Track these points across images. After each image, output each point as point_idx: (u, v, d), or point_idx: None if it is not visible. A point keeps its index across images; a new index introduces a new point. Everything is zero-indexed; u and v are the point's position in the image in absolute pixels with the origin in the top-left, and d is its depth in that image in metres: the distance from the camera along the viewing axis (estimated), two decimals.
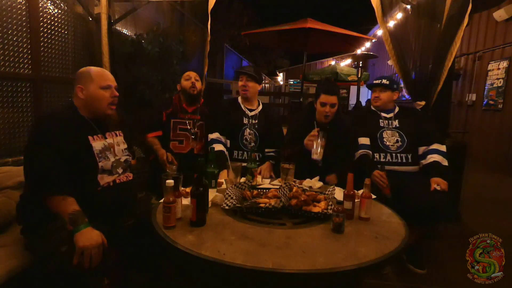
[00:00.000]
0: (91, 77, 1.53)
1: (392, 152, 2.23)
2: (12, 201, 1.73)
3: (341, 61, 13.21)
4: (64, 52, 2.76)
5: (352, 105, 10.32)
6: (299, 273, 1.00)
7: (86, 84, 1.53)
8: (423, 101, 2.64)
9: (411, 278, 2.03)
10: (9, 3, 2.24)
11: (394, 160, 2.22)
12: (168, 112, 2.41)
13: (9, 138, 2.31)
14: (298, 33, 4.91)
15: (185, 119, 2.43)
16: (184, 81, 2.43)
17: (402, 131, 2.28)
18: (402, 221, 1.44)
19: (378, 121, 2.35)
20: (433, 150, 2.19)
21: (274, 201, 1.47)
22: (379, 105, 2.40)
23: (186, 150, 2.38)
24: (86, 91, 1.53)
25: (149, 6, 3.36)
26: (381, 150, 2.26)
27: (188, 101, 2.45)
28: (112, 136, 1.64)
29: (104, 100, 1.54)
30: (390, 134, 2.29)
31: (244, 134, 2.36)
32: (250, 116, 2.41)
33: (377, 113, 2.40)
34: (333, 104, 2.14)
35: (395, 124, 2.32)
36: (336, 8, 24.85)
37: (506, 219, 3.21)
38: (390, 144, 2.25)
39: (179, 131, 2.40)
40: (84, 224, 1.30)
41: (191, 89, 2.40)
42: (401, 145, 2.24)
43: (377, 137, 2.28)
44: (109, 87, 1.56)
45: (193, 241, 1.17)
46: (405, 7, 2.74)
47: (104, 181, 1.53)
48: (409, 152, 2.23)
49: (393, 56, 2.65)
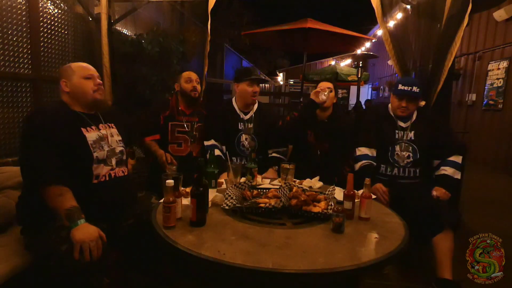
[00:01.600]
0: (72, 70, 1.57)
1: (400, 167, 2.10)
2: (12, 201, 1.73)
3: (341, 61, 13.21)
4: (64, 52, 2.76)
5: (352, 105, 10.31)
6: (299, 273, 1.00)
7: (68, 77, 1.56)
8: (423, 101, 2.63)
9: (411, 278, 2.03)
10: (9, 3, 2.24)
11: (401, 174, 2.10)
12: (165, 115, 2.33)
13: (9, 138, 2.31)
14: (298, 33, 4.91)
15: (183, 121, 2.37)
16: (184, 83, 2.34)
17: (416, 144, 2.11)
18: (402, 221, 1.44)
19: (394, 132, 2.15)
20: (448, 162, 2.06)
21: (274, 201, 1.48)
22: (404, 116, 2.15)
23: (185, 153, 2.34)
24: (70, 83, 1.56)
25: (149, 6, 3.37)
26: (389, 163, 2.13)
27: (188, 104, 2.40)
28: (106, 128, 1.66)
29: (89, 88, 1.57)
30: (403, 148, 2.11)
31: (241, 140, 2.33)
32: (245, 120, 2.36)
33: (394, 121, 2.19)
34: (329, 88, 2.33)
35: (410, 136, 2.13)
36: (336, 8, 24.86)
37: (506, 219, 3.21)
38: (400, 160, 2.11)
39: (177, 134, 2.34)
40: (80, 220, 1.31)
41: (192, 92, 2.33)
42: (412, 161, 2.10)
43: (389, 149, 2.13)
44: (91, 76, 1.59)
45: (193, 241, 1.17)
46: (405, 7, 2.74)
47: (98, 171, 1.53)
48: (418, 167, 2.10)
49: (393, 56, 2.64)
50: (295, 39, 5.33)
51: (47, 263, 1.33)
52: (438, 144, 2.11)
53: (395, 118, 2.20)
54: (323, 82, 2.40)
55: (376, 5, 2.61)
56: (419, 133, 2.14)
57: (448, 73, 2.55)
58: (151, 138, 2.30)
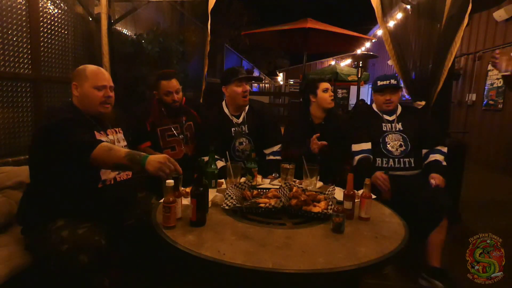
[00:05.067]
0: (86, 76, 1.53)
1: (395, 158, 2.16)
2: (12, 201, 1.73)
3: (341, 61, 13.20)
4: (64, 52, 2.76)
5: (352, 105, 10.31)
6: (299, 273, 1.00)
7: (80, 82, 1.53)
8: (423, 101, 2.64)
9: (411, 278, 2.02)
10: (9, 3, 2.24)
11: (396, 165, 2.15)
12: (150, 122, 2.22)
13: (9, 138, 2.31)
14: (298, 33, 4.92)
15: (170, 124, 2.27)
16: (163, 96, 2.22)
17: (405, 134, 2.19)
18: (402, 221, 1.44)
19: (381, 125, 2.25)
20: (435, 150, 2.16)
21: (274, 201, 1.47)
22: (391, 109, 2.26)
23: (180, 155, 2.27)
24: (80, 89, 1.53)
25: (149, 6, 3.36)
26: (383, 155, 2.18)
27: (170, 112, 2.28)
28: (113, 133, 1.65)
29: (96, 100, 1.53)
30: (393, 138, 2.19)
31: (236, 146, 2.28)
32: (238, 124, 2.30)
33: (379, 116, 2.29)
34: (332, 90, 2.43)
35: (398, 127, 2.22)
36: (336, 8, 24.86)
37: (506, 219, 3.21)
38: (393, 150, 2.17)
39: (168, 139, 2.26)
40: (142, 156, 1.30)
41: (173, 104, 2.23)
42: (405, 150, 2.16)
43: (380, 141, 2.20)
44: (103, 87, 1.55)
45: (193, 241, 1.17)
46: (405, 7, 2.74)
47: (105, 176, 1.53)
48: (412, 157, 2.16)
49: (393, 56, 2.65)
50: (295, 39, 5.34)
51: (47, 263, 1.33)
52: (426, 135, 2.21)
53: (380, 113, 2.30)
54: (323, 82, 2.43)
55: (376, 5, 2.62)
56: (406, 123, 2.23)
57: (448, 73, 2.56)
58: (144, 145, 2.22)
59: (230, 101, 2.30)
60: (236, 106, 2.29)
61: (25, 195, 1.56)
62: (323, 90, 2.37)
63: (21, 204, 1.55)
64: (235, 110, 2.32)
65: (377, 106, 2.32)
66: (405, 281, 2.01)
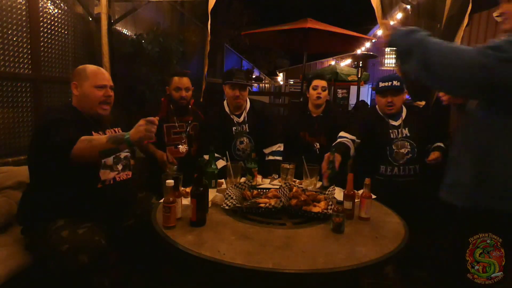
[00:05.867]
0: (86, 75, 1.54)
1: (400, 166, 2.09)
2: (12, 201, 1.73)
3: (341, 61, 13.19)
4: (64, 52, 2.76)
5: (352, 105, 10.31)
6: (299, 273, 1.01)
7: (80, 81, 1.54)
8: (423, 101, 2.64)
9: (411, 279, 2.02)
10: (9, 3, 2.23)
11: (401, 173, 2.09)
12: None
13: (9, 138, 2.31)
14: (298, 33, 4.91)
15: (176, 122, 2.32)
16: (173, 91, 2.28)
17: (412, 140, 2.11)
18: (402, 221, 1.44)
19: (388, 132, 2.14)
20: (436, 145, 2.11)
21: (274, 201, 1.47)
22: (393, 113, 2.16)
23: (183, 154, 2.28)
24: (80, 88, 1.53)
25: (149, 6, 3.36)
26: (388, 163, 2.11)
27: (177, 109, 2.33)
28: (112, 133, 1.65)
29: (96, 99, 1.54)
30: (400, 146, 2.10)
31: (236, 145, 2.31)
32: (239, 123, 2.34)
33: (385, 121, 2.18)
34: (324, 87, 2.41)
35: (405, 132, 2.13)
36: (336, 8, 24.85)
37: None
38: (399, 157, 2.09)
39: (173, 136, 2.31)
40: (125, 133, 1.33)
41: (180, 101, 2.28)
42: (411, 157, 2.09)
43: (387, 149, 2.11)
44: (104, 86, 1.55)
45: (193, 241, 1.17)
46: (405, 7, 2.74)
47: (105, 176, 1.53)
48: (418, 163, 2.09)
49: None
50: (295, 39, 5.33)
51: (47, 263, 1.33)
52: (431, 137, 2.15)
53: (385, 117, 2.20)
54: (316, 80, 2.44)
55: (376, 5, 2.61)
56: (412, 128, 2.15)
57: None
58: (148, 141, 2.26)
59: (228, 101, 2.38)
60: (232, 106, 2.35)
61: (25, 195, 1.56)
62: (313, 88, 2.42)
63: (21, 204, 1.55)
64: (234, 109, 2.36)
65: (380, 108, 2.24)
66: (405, 282, 2.01)
